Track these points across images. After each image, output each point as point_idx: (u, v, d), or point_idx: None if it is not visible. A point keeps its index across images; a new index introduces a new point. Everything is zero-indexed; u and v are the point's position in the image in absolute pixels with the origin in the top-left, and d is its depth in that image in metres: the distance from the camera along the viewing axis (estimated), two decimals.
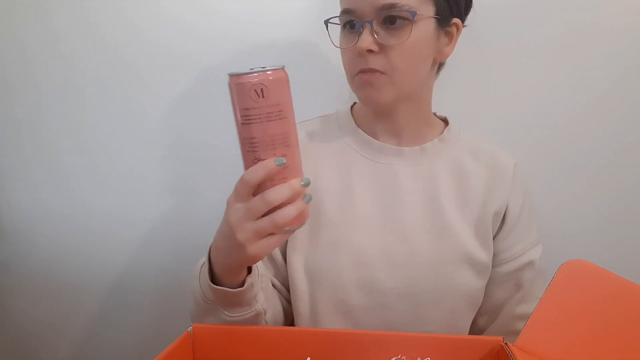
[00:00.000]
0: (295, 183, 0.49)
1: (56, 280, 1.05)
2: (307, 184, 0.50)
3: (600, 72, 0.88)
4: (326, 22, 0.69)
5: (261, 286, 0.62)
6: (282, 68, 0.48)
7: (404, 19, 0.62)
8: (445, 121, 0.79)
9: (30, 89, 0.99)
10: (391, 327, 0.69)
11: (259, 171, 0.48)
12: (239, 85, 0.46)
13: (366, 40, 0.62)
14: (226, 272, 0.56)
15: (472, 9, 0.72)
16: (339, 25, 0.69)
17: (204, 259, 0.60)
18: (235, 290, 0.56)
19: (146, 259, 1.03)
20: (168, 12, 0.94)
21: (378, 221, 0.70)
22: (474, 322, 0.76)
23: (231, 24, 0.93)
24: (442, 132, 0.76)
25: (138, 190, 1.01)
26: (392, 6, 0.61)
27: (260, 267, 0.65)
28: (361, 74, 0.65)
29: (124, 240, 1.03)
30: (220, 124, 0.97)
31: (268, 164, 0.48)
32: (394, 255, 0.69)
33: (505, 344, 0.47)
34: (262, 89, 0.46)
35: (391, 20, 0.63)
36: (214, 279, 0.57)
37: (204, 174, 0.99)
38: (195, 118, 0.98)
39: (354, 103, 0.80)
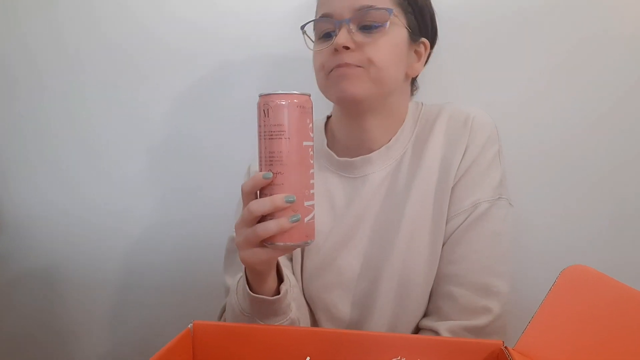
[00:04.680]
0: (277, 198, 0.50)
1: (56, 276, 1.05)
2: (290, 201, 0.50)
3: (604, 77, 0.88)
4: (302, 28, 0.72)
5: (293, 297, 0.64)
6: (292, 94, 0.50)
7: (380, 24, 0.65)
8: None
9: (33, 85, 0.99)
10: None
11: (249, 181, 0.52)
12: (258, 104, 0.52)
13: (343, 36, 0.64)
14: (252, 278, 0.58)
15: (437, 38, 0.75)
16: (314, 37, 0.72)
17: (242, 273, 0.62)
18: (272, 298, 0.58)
19: (146, 255, 1.03)
20: (172, 10, 0.94)
21: (359, 235, 0.73)
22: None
23: (236, 23, 0.94)
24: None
25: (140, 187, 1.01)
26: (370, 7, 0.64)
27: (292, 279, 0.67)
28: (336, 69, 0.66)
29: (125, 237, 1.03)
30: (223, 123, 0.98)
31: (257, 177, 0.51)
32: (370, 260, 0.72)
33: (505, 347, 0.47)
34: (267, 110, 0.50)
35: (368, 27, 0.65)
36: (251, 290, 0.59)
37: (206, 171, 1.00)
38: (197, 116, 0.99)
39: (328, 118, 0.81)
